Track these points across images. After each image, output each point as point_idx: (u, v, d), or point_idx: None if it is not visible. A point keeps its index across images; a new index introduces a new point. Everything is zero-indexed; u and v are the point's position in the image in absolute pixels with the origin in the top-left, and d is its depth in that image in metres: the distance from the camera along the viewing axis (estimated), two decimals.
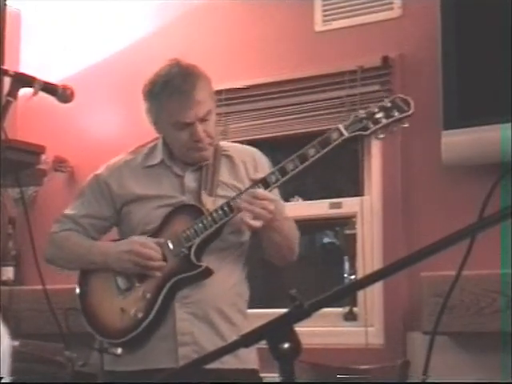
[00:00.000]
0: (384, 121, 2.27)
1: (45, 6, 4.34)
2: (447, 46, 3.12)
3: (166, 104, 2.33)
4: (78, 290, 2.42)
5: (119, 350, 2.29)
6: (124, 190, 2.43)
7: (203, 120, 2.33)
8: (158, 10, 4.03)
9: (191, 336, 2.28)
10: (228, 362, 2.15)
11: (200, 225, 2.28)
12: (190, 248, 2.29)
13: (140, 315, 2.28)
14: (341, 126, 2.26)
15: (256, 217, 2.20)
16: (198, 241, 2.29)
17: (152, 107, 2.39)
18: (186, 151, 2.38)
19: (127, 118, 3.96)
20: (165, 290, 2.28)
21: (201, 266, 2.29)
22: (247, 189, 2.26)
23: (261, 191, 2.22)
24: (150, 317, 2.27)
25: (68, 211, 2.51)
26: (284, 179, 2.25)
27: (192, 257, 2.28)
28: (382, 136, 2.30)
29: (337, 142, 2.24)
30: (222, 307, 2.33)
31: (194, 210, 2.32)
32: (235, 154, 2.47)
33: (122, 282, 2.34)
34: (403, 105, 2.28)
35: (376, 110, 2.28)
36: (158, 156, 2.45)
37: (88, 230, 2.47)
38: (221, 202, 2.31)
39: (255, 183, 2.26)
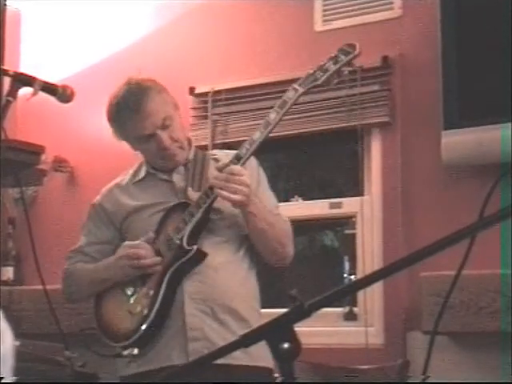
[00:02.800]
0: (333, 67, 2.35)
1: (45, 6, 4.34)
2: (447, 46, 3.12)
3: (123, 123, 2.42)
4: (94, 313, 2.45)
5: (136, 351, 2.31)
6: (119, 207, 2.49)
7: (164, 127, 2.38)
8: (158, 10, 4.03)
9: (201, 331, 2.30)
10: (238, 358, 2.14)
11: (187, 214, 2.33)
12: (181, 238, 2.32)
13: (145, 311, 2.31)
14: (295, 85, 2.35)
15: (235, 192, 2.24)
16: (188, 229, 2.32)
17: (115, 129, 2.49)
18: (159, 160, 2.45)
19: None
20: (164, 283, 2.31)
21: (191, 250, 2.31)
22: (223, 167, 2.29)
23: (236, 167, 2.28)
24: (154, 311, 2.29)
25: (74, 246, 2.57)
26: (253, 148, 2.32)
27: (184, 244, 2.32)
28: (335, 81, 2.39)
29: (294, 99, 2.33)
30: (230, 304, 2.34)
31: (184, 206, 2.37)
32: (223, 158, 2.51)
33: (128, 289, 2.38)
34: (348, 48, 2.37)
35: (325, 61, 2.37)
36: (143, 170, 2.53)
37: (96, 258, 2.51)
38: None
39: (229, 161, 2.30)
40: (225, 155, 2.54)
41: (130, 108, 2.37)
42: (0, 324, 1.47)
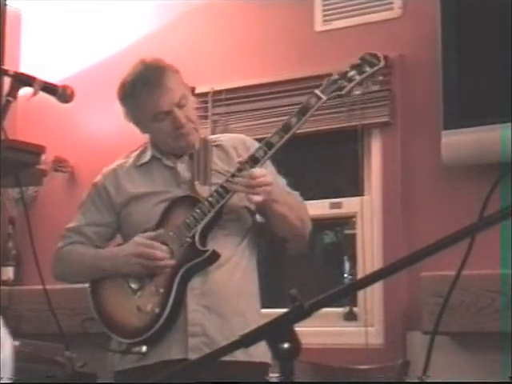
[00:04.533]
0: (357, 77, 2.33)
1: (45, 6, 4.34)
2: (447, 46, 3.12)
3: (140, 100, 2.39)
4: (91, 301, 2.41)
5: (144, 348, 2.29)
6: (121, 193, 2.46)
7: (180, 106, 2.38)
8: (158, 9, 4.04)
9: (201, 327, 2.29)
10: (236, 355, 2.15)
11: (199, 212, 2.30)
12: (193, 236, 2.31)
13: (157, 310, 2.29)
14: (317, 91, 2.32)
15: (259, 194, 2.24)
16: (199, 228, 2.30)
17: (128, 109, 2.45)
18: (171, 141, 2.42)
19: None
20: (176, 281, 2.29)
21: (207, 251, 2.30)
22: (239, 170, 2.28)
23: (256, 170, 2.26)
24: (167, 310, 2.28)
25: (70, 224, 2.53)
26: (271, 152, 2.30)
27: (197, 243, 2.30)
28: (358, 92, 2.38)
29: (316, 107, 2.31)
30: (231, 300, 2.34)
31: (190, 200, 2.35)
32: (225, 142, 2.51)
33: (133, 283, 2.35)
34: (373, 59, 2.35)
35: (348, 69, 2.34)
36: (148, 153, 2.50)
37: (92, 239, 2.48)
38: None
39: (245, 162, 2.29)
40: (229, 139, 2.53)
41: (151, 82, 2.35)
42: (0, 332, 1.47)
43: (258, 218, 2.45)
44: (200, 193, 2.36)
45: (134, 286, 2.35)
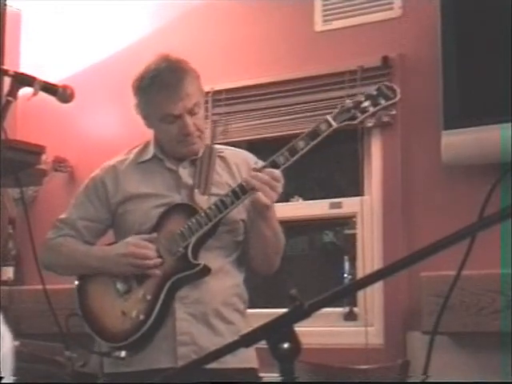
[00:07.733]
0: (371, 109, 2.32)
1: (45, 6, 4.34)
2: (447, 46, 3.12)
3: (154, 98, 2.36)
4: (77, 297, 2.41)
5: (123, 353, 2.28)
6: (119, 190, 2.44)
7: (192, 113, 2.35)
8: (158, 10, 4.03)
9: (190, 336, 2.28)
10: (226, 362, 2.14)
11: (195, 223, 2.29)
12: (186, 247, 2.30)
13: (142, 317, 2.28)
14: (329, 117, 2.31)
15: (271, 197, 2.23)
16: (193, 239, 2.29)
17: (141, 102, 2.42)
18: (175, 145, 2.40)
19: (127, 117, 3.95)
20: (164, 291, 2.28)
21: (199, 265, 2.29)
22: (260, 170, 2.26)
23: (279, 173, 2.25)
24: (152, 318, 2.27)
25: (63, 216, 2.51)
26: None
27: (189, 255, 2.29)
28: (370, 124, 2.36)
29: (326, 133, 2.30)
30: (220, 308, 2.33)
31: (189, 209, 2.33)
32: (229, 156, 2.50)
33: (120, 285, 2.34)
34: (389, 92, 2.33)
35: (363, 99, 2.32)
36: (151, 151, 2.47)
37: (83, 234, 2.46)
38: (214, 200, 2.32)
39: (258, 170, 2.27)
40: (233, 154, 2.52)
41: (169, 84, 2.32)
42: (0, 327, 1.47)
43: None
44: (198, 202, 2.33)
45: (121, 288, 2.34)
